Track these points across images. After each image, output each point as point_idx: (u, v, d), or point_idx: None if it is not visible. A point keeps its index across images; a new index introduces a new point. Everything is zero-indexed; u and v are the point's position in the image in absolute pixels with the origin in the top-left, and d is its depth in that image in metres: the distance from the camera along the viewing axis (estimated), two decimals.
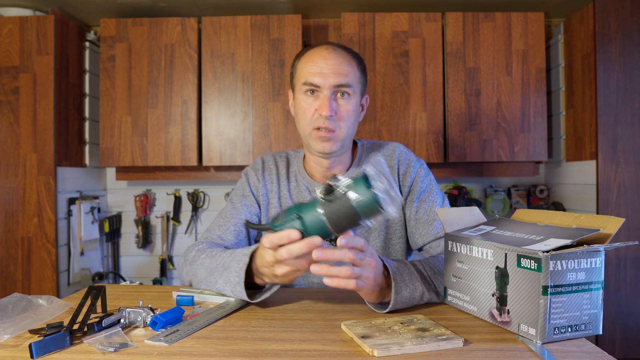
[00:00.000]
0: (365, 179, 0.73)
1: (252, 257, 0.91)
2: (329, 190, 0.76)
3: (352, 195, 0.73)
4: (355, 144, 1.26)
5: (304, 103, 1.13)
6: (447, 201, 1.19)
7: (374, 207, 0.72)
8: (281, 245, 0.79)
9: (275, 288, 0.93)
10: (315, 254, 0.76)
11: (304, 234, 0.77)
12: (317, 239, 0.76)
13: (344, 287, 0.80)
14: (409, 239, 1.20)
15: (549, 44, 2.44)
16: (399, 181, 1.19)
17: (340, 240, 0.77)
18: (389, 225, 1.19)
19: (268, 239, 0.79)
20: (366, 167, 0.73)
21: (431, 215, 1.14)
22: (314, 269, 0.78)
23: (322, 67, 1.10)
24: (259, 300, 0.92)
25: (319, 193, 0.76)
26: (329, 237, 0.79)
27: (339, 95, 1.12)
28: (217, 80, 2.23)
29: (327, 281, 0.80)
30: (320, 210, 0.76)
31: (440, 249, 1.11)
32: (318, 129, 1.11)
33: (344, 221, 0.75)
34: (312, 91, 1.12)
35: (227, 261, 0.95)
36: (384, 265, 0.88)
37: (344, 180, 0.74)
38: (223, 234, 1.16)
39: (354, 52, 1.17)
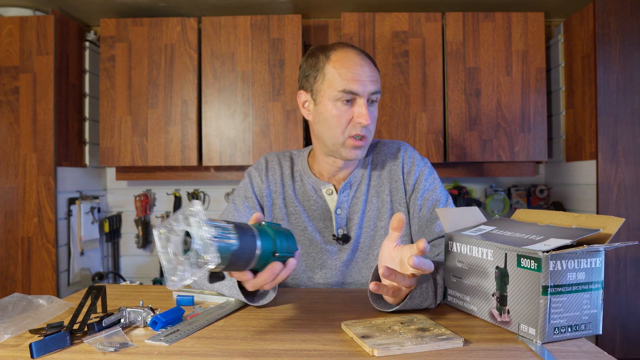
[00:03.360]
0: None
1: None
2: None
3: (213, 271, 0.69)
4: None
5: (336, 110, 1.10)
6: (450, 200, 1.19)
7: (220, 267, 0.69)
8: None
9: (272, 294, 0.92)
10: (385, 272, 0.77)
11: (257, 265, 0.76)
12: (275, 267, 0.75)
13: (389, 292, 0.82)
14: (412, 237, 1.21)
15: (549, 44, 2.44)
16: (403, 179, 1.20)
17: (414, 261, 0.75)
18: None
19: (233, 275, 0.78)
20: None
21: (434, 213, 1.14)
22: (383, 272, 0.78)
23: (360, 75, 1.08)
24: (257, 304, 0.92)
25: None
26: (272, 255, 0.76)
27: (369, 102, 1.11)
28: (217, 80, 2.23)
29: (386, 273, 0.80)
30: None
31: (442, 247, 1.11)
32: (354, 137, 1.10)
33: (237, 263, 0.71)
34: (348, 99, 1.09)
35: None
36: None
37: (170, 286, 0.67)
38: None
39: (369, 55, 1.17)
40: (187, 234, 0.66)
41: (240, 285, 0.89)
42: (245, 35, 2.22)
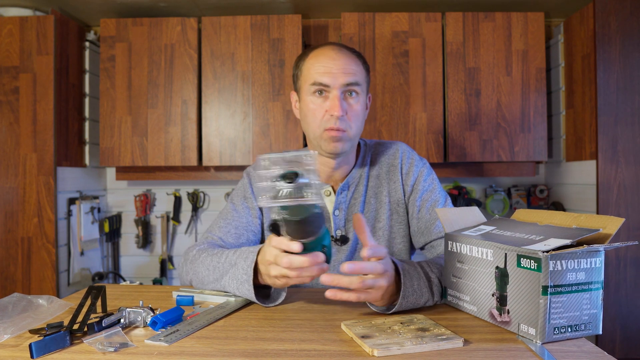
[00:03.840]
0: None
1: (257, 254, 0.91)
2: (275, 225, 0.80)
3: (283, 214, 0.76)
4: (358, 143, 1.26)
5: (312, 104, 1.11)
6: (449, 200, 1.19)
7: (299, 209, 0.74)
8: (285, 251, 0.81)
9: (283, 295, 0.93)
10: (323, 279, 0.79)
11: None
12: (320, 256, 0.79)
13: (354, 300, 0.82)
14: (411, 237, 1.21)
15: (549, 44, 2.44)
16: (402, 180, 1.19)
17: (366, 252, 0.78)
18: (392, 224, 1.19)
19: (277, 240, 0.81)
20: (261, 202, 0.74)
21: (433, 214, 1.14)
22: (324, 279, 0.80)
23: (331, 67, 1.09)
24: (267, 306, 0.92)
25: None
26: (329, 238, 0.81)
27: (347, 94, 1.11)
28: (217, 80, 2.23)
29: (330, 294, 0.80)
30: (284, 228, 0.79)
31: (442, 248, 1.11)
32: (329, 129, 1.10)
33: (303, 228, 0.77)
34: (321, 92, 1.10)
35: (233, 259, 0.95)
36: (395, 267, 0.87)
37: (258, 204, 0.75)
38: (224, 236, 1.16)
39: (358, 52, 1.17)
40: (294, 174, 0.72)
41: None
42: (245, 35, 2.22)
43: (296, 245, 0.78)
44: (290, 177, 0.72)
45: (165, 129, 2.23)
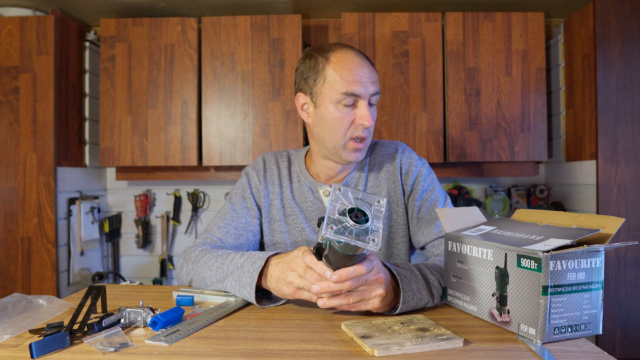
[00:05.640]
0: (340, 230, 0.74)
1: (266, 262, 0.92)
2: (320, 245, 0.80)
3: (335, 245, 0.76)
4: None
5: (338, 113, 1.09)
6: (449, 200, 1.19)
7: (354, 248, 0.75)
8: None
9: (282, 300, 0.94)
10: (314, 289, 0.80)
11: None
12: (345, 285, 0.79)
13: (353, 310, 0.84)
14: (411, 237, 1.20)
15: (549, 44, 2.44)
16: (401, 180, 1.19)
17: (332, 277, 0.78)
18: (392, 224, 1.19)
19: (315, 262, 0.80)
20: (325, 233, 0.72)
21: (433, 214, 1.14)
22: (315, 289, 0.80)
23: (361, 76, 1.07)
24: (265, 307, 0.92)
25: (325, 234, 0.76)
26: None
27: (369, 103, 1.11)
28: (217, 80, 2.23)
29: (325, 303, 0.82)
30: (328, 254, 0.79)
31: (442, 248, 1.11)
32: (355, 139, 1.10)
33: (345, 261, 0.78)
34: (350, 102, 1.08)
35: (240, 262, 0.96)
36: (391, 272, 0.87)
37: (324, 233, 0.73)
38: (223, 237, 1.15)
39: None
40: (364, 216, 0.74)
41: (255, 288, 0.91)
42: (245, 35, 2.22)
43: (330, 275, 0.78)
44: (359, 217, 0.74)
45: (165, 129, 2.23)
